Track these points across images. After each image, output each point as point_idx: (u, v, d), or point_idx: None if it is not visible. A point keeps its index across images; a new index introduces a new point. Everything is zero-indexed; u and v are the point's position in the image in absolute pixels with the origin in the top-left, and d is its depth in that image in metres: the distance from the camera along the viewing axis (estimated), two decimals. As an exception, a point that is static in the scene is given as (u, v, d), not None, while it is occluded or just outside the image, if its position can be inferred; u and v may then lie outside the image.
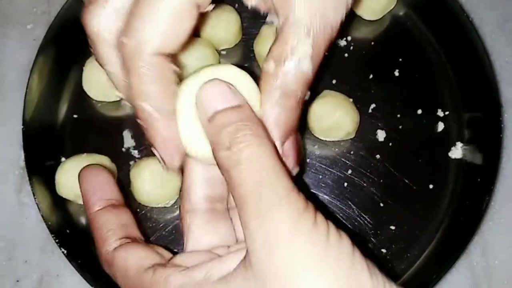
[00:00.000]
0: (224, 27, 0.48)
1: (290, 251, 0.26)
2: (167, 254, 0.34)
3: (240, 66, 0.34)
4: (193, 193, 0.35)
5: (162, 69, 0.32)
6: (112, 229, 0.35)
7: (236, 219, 0.35)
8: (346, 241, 0.27)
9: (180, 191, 0.37)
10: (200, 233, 0.34)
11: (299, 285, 0.25)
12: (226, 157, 0.28)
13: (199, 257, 0.32)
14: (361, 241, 0.45)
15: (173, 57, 0.33)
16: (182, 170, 0.36)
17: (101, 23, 0.33)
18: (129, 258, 0.33)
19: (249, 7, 0.35)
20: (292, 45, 0.31)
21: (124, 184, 0.46)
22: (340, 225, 0.45)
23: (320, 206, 0.45)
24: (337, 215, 0.46)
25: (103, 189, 0.37)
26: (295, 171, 0.34)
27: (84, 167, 0.38)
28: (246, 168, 0.28)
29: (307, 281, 0.25)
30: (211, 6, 0.33)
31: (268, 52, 0.32)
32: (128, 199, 0.46)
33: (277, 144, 0.32)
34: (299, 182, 0.46)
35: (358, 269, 0.26)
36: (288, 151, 0.33)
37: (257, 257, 0.27)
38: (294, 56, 0.31)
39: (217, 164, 0.29)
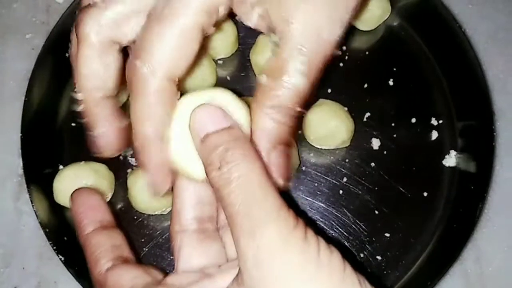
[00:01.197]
0: (221, 37, 0.48)
1: (282, 267, 0.26)
2: (159, 275, 0.35)
3: (236, 75, 0.35)
4: (183, 214, 0.36)
5: (170, 94, 0.33)
6: (104, 250, 0.35)
7: (227, 237, 0.35)
8: (336, 257, 0.27)
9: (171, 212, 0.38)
10: (191, 254, 0.35)
11: None
12: (217, 176, 0.29)
13: (191, 277, 0.33)
14: (356, 249, 0.46)
15: (179, 83, 0.34)
16: (172, 191, 0.36)
17: (94, 27, 0.34)
18: (121, 279, 0.33)
19: (250, 25, 0.36)
20: (287, 61, 0.32)
21: (121, 191, 0.46)
22: (335, 233, 0.46)
23: (315, 214, 0.46)
24: (333, 222, 0.46)
25: (94, 211, 0.38)
26: (280, 183, 0.33)
27: (74, 191, 0.39)
28: (236, 187, 0.28)
29: None
30: (214, 29, 0.34)
31: (266, 66, 0.33)
32: (125, 207, 0.47)
33: (263, 154, 0.32)
34: (294, 190, 0.47)
35: (349, 285, 0.27)
36: (275, 162, 0.33)
37: (249, 274, 0.27)
38: (288, 72, 0.32)
39: (210, 184, 0.30)
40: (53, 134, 0.49)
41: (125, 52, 0.36)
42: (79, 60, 0.35)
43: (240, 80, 0.50)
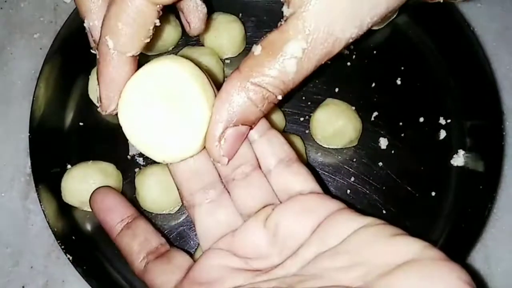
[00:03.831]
0: (228, 36, 0.48)
1: None
2: (185, 263, 0.35)
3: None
4: (184, 190, 0.36)
5: (145, 16, 0.32)
6: (133, 253, 0.36)
7: (235, 191, 0.35)
8: None
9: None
10: (207, 226, 0.35)
11: None
12: None
13: (211, 271, 0.33)
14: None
15: (163, 12, 0.33)
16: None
17: None
18: (154, 284, 0.34)
19: None
20: (288, 39, 0.30)
21: (128, 191, 0.46)
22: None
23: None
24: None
25: (113, 212, 0.38)
26: (224, 161, 0.33)
27: (91, 196, 0.39)
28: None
29: None
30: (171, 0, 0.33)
31: (263, 38, 0.32)
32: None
33: (220, 126, 0.31)
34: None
35: None
36: (229, 138, 0.32)
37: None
38: (282, 51, 0.30)
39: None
40: (61, 134, 0.49)
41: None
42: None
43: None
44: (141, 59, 0.35)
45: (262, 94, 0.31)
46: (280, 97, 0.32)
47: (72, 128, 0.49)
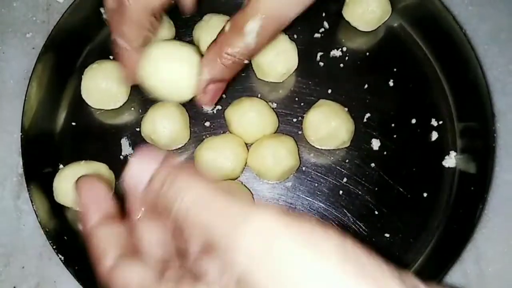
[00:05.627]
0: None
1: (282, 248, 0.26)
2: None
3: (237, 75, 0.36)
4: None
5: (142, 19, 0.42)
6: (108, 246, 0.34)
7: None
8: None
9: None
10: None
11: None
12: (176, 211, 0.29)
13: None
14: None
15: (156, 12, 0.42)
16: None
17: None
18: (127, 280, 0.32)
19: None
20: (248, 20, 0.39)
21: (121, 191, 0.46)
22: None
23: (315, 214, 0.46)
24: (332, 223, 0.47)
25: (98, 202, 0.37)
26: (208, 106, 0.47)
27: (78, 179, 0.38)
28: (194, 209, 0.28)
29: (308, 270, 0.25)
30: None
31: (231, 18, 0.40)
32: (125, 207, 0.46)
33: (204, 81, 0.41)
34: (294, 190, 0.47)
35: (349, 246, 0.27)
36: (210, 90, 0.42)
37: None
38: (245, 28, 0.39)
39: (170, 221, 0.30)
40: (53, 134, 0.49)
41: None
42: None
43: (241, 80, 0.50)
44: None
45: (232, 60, 0.40)
46: (246, 61, 0.41)
47: (65, 128, 0.49)
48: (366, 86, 0.50)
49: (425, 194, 0.48)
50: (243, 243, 0.26)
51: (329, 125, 0.46)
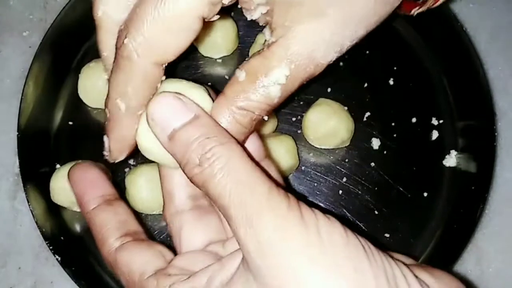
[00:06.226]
0: (222, 35, 0.48)
1: (285, 257, 0.26)
2: (168, 254, 0.34)
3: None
4: (176, 195, 0.35)
5: (152, 79, 0.32)
6: (110, 228, 0.34)
7: None
8: (337, 227, 0.27)
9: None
10: (192, 233, 0.34)
11: (301, 283, 0.25)
12: (199, 173, 0.28)
13: (199, 259, 0.32)
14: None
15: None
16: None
17: (106, 11, 0.33)
18: (131, 262, 0.32)
19: (249, 18, 0.35)
20: (272, 69, 0.31)
21: (119, 191, 0.46)
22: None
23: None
24: (332, 222, 0.46)
25: (95, 186, 0.37)
26: None
27: (71, 167, 0.38)
28: (222, 178, 0.27)
29: (307, 277, 0.25)
30: (217, 17, 0.32)
31: (247, 60, 0.32)
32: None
33: None
34: (294, 189, 0.47)
35: (354, 254, 0.27)
36: None
37: (254, 263, 0.27)
38: (267, 78, 0.31)
39: (190, 179, 0.29)
40: (50, 133, 0.49)
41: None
42: None
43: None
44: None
45: (249, 117, 0.32)
46: (266, 118, 0.33)
47: (61, 127, 0.49)
48: (366, 84, 0.50)
49: (425, 194, 0.47)
50: (251, 244, 0.26)
51: (329, 124, 0.46)
